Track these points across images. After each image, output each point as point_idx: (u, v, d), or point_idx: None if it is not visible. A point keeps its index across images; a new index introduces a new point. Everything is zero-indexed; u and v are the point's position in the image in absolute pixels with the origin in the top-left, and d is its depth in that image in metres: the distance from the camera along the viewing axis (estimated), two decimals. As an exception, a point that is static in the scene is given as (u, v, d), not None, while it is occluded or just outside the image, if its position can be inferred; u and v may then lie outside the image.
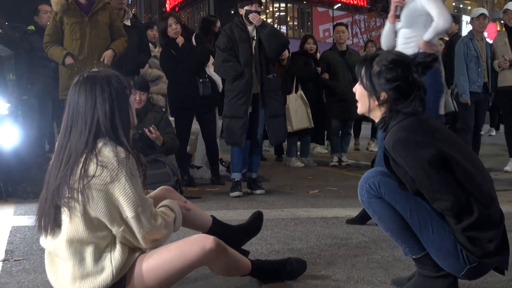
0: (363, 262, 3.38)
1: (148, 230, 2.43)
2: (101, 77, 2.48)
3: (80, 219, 2.41)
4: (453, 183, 2.47)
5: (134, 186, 2.40)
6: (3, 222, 4.59)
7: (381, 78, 2.63)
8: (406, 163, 2.50)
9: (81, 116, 2.44)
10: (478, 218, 2.45)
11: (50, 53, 5.89)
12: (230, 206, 5.26)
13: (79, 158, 2.40)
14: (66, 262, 2.47)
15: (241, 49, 5.80)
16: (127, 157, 2.41)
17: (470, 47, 7.36)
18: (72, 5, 5.81)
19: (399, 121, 2.61)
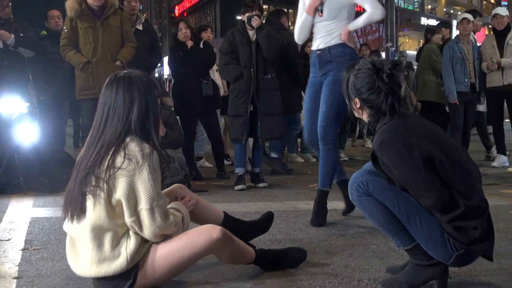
0: (359, 251, 3.38)
1: (160, 225, 2.45)
2: (136, 78, 2.54)
3: (103, 207, 2.45)
4: (436, 181, 2.47)
5: (154, 180, 2.43)
6: (22, 213, 4.60)
7: (354, 87, 2.71)
8: (391, 162, 2.52)
9: (118, 113, 2.49)
10: (464, 210, 2.46)
11: (68, 57, 5.90)
12: (235, 199, 5.27)
13: (109, 151, 2.44)
14: (86, 246, 2.49)
15: (241, 52, 5.84)
16: (151, 153, 2.45)
17: (455, 50, 7.36)
18: (85, 10, 5.83)
19: (385, 123, 2.63)
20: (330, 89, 4.19)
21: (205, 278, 2.87)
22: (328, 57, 4.25)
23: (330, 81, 4.21)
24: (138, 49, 6.26)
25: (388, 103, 2.63)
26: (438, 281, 2.64)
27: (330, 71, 4.23)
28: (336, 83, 3.93)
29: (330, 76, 4.22)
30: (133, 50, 6.06)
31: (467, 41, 7.49)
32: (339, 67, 4.04)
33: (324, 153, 4.23)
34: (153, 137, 2.53)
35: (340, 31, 4.26)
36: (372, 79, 2.65)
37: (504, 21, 7.40)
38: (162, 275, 2.55)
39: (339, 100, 3.87)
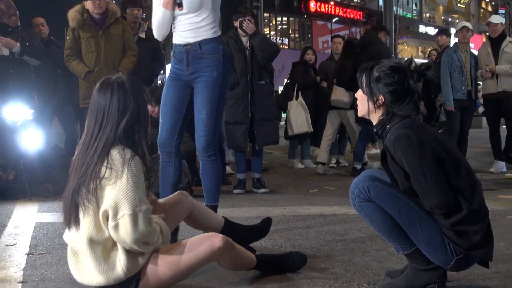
0: (359, 256, 3.38)
1: (143, 232, 2.38)
2: (128, 83, 2.49)
3: (91, 219, 2.42)
4: (444, 182, 2.48)
5: (135, 186, 2.36)
6: (27, 219, 4.61)
7: (380, 82, 2.66)
8: (405, 158, 2.51)
9: (111, 119, 2.43)
10: (466, 215, 2.47)
11: (72, 67, 5.92)
12: (236, 204, 5.27)
13: (98, 161, 2.40)
14: (86, 257, 2.47)
15: (236, 59, 5.85)
16: (131, 158, 2.39)
17: (454, 58, 7.38)
18: (87, 20, 5.85)
19: (397, 122, 2.64)
20: (208, 94, 3.69)
21: (206, 282, 2.87)
22: (199, 54, 3.72)
23: (206, 84, 3.70)
24: (140, 56, 6.27)
25: (414, 104, 2.65)
26: (436, 285, 2.64)
27: (202, 70, 3.71)
28: (212, 86, 3.68)
29: (204, 78, 3.70)
30: (134, 59, 6.07)
31: (466, 49, 7.52)
32: (212, 66, 3.69)
33: (209, 165, 3.75)
34: (142, 142, 2.47)
35: (209, 22, 3.73)
36: (404, 77, 2.65)
37: (497, 29, 7.44)
38: (165, 282, 2.54)
39: (218, 103, 3.71)
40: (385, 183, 2.64)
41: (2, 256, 3.44)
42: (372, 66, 2.73)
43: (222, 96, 3.78)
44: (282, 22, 37.44)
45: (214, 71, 3.69)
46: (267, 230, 3.37)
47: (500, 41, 7.41)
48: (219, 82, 3.72)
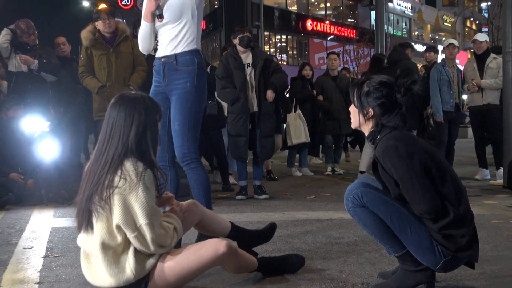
0: (353, 258, 3.37)
1: (159, 236, 2.43)
2: (139, 99, 2.51)
3: (104, 224, 2.43)
4: (431, 189, 2.49)
5: (148, 197, 2.40)
6: (44, 223, 4.61)
7: (369, 96, 2.68)
8: (394, 167, 2.52)
9: (119, 131, 2.45)
10: (453, 219, 2.48)
11: (85, 83, 5.95)
12: (239, 209, 5.26)
13: (109, 170, 2.41)
14: (98, 260, 2.47)
15: (236, 76, 5.86)
16: (144, 171, 2.41)
17: (442, 73, 7.39)
18: (98, 39, 5.88)
19: (386, 133, 2.65)
20: (180, 105, 3.53)
21: (211, 283, 2.87)
22: (174, 65, 3.57)
23: (179, 95, 3.55)
24: (150, 72, 6.28)
25: (401, 116, 2.66)
26: (426, 285, 2.64)
27: (176, 82, 3.56)
28: (185, 97, 3.52)
29: (178, 90, 3.55)
30: (143, 74, 6.09)
31: (452, 64, 7.55)
32: (186, 78, 3.53)
33: (190, 174, 3.57)
34: (150, 156, 2.48)
35: (188, 36, 3.57)
36: (391, 91, 2.67)
37: (482, 46, 7.46)
38: (172, 284, 2.53)
39: (191, 114, 3.52)
40: (378, 189, 2.65)
41: (20, 259, 3.44)
42: (363, 81, 2.75)
43: (198, 107, 3.58)
44: (281, 40, 37.54)
45: (187, 82, 3.53)
46: (271, 235, 3.33)
47: (484, 57, 7.44)
48: (192, 93, 3.54)
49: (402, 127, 2.68)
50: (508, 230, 4.18)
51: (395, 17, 42.62)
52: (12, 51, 6.60)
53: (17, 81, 6.66)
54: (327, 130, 8.32)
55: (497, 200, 5.77)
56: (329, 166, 8.52)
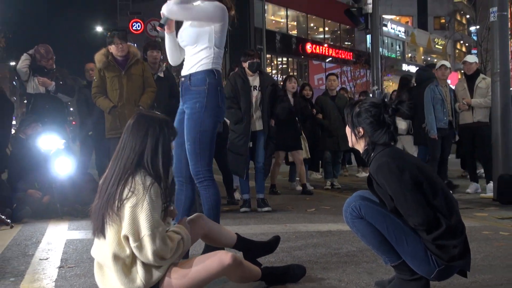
0: (351, 267, 3.36)
1: (160, 248, 2.39)
2: (156, 119, 2.54)
3: (114, 236, 2.43)
4: (423, 202, 2.50)
5: (153, 210, 2.39)
6: (59, 236, 4.61)
7: (360, 117, 2.72)
8: (387, 183, 2.53)
9: (131, 144, 2.48)
10: (445, 229, 2.47)
11: (98, 103, 5.96)
12: (243, 222, 5.25)
13: (121, 182, 2.43)
14: (111, 271, 2.47)
15: (242, 97, 5.92)
16: (151, 184, 2.41)
17: (436, 92, 7.39)
18: (111, 62, 5.91)
19: (380, 150, 2.66)
20: (189, 125, 3.48)
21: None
22: (188, 85, 3.52)
23: (188, 115, 3.51)
24: (159, 93, 6.31)
25: (389, 134, 2.67)
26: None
27: (188, 101, 3.52)
28: (193, 117, 3.46)
29: (189, 109, 3.51)
30: (152, 95, 6.10)
31: (445, 84, 7.56)
32: (196, 98, 3.46)
33: (202, 191, 3.50)
34: (159, 171, 2.47)
35: (204, 56, 3.49)
36: (379, 111, 2.69)
37: (472, 67, 7.48)
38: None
39: (200, 134, 3.44)
40: (375, 202, 2.65)
41: (36, 269, 3.44)
42: (356, 103, 2.81)
43: (207, 127, 3.47)
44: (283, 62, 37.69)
45: (197, 102, 3.46)
46: (275, 247, 3.32)
47: (474, 77, 7.45)
48: (201, 113, 3.46)
49: (391, 144, 2.69)
50: (498, 241, 4.16)
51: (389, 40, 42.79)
52: (31, 74, 6.66)
53: (35, 102, 6.71)
54: (326, 146, 8.32)
55: (488, 212, 5.75)
56: (328, 181, 8.51)
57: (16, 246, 4.20)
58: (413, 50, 47.57)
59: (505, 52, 6.73)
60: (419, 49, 48.00)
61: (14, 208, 5.52)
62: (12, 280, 3.18)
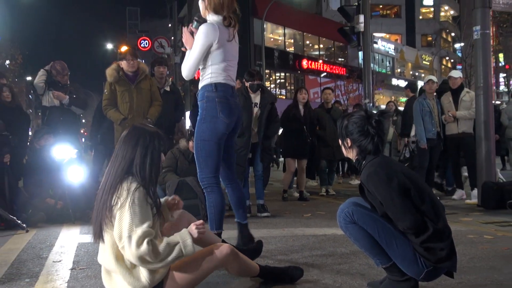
0: (345, 269, 3.35)
1: (142, 251, 2.33)
2: (147, 131, 2.53)
3: (111, 240, 2.43)
4: (411, 207, 2.50)
5: (133, 213, 2.35)
6: (71, 239, 4.60)
7: (347, 129, 2.76)
8: (376, 190, 2.54)
9: (122, 153, 2.48)
10: (432, 233, 2.48)
11: (109, 115, 5.97)
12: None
13: (111, 189, 2.42)
14: (116, 273, 2.47)
15: (244, 114, 5.88)
16: (136, 189, 2.39)
17: (424, 105, 7.43)
18: (122, 76, 5.93)
19: (371, 160, 2.67)
20: (195, 136, 3.60)
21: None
22: (197, 99, 3.64)
23: (195, 127, 3.63)
24: (166, 106, 6.33)
25: (373, 144, 2.68)
26: (410, 293, 2.62)
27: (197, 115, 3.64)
28: (196, 129, 3.56)
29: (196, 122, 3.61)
30: (159, 108, 6.12)
31: (432, 97, 7.58)
32: (200, 111, 3.57)
33: (207, 196, 3.58)
34: (147, 177, 2.45)
35: (204, 74, 3.56)
36: (363, 123, 2.71)
37: (457, 82, 7.51)
38: (184, 285, 2.53)
39: (200, 143, 3.51)
40: (367, 208, 2.66)
41: (50, 271, 3.43)
42: (345, 116, 2.83)
43: (206, 137, 3.51)
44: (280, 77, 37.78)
45: (200, 115, 3.56)
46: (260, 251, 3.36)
47: (459, 91, 7.47)
48: (200, 124, 3.54)
49: (379, 152, 2.71)
50: (483, 244, 4.16)
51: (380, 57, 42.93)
52: (46, 88, 6.69)
53: (50, 114, 6.74)
54: (321, 155, 8.32)
55: (472, 217, 5.74)
56: (324, 188, 8.50)
57: (31, 249, 4.19)
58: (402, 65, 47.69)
59: (488, 68, 6.75)
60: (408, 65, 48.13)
61: (30, 213, 5.52)
62: (27, 281, 3.18)
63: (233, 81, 3.64)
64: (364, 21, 11.58)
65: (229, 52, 3.57)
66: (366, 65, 12.22)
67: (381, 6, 47.24)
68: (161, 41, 20.36)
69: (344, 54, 41.42)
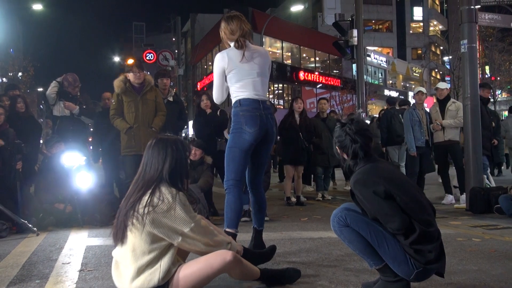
0: (340, 270, 3.35)
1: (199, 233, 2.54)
2: (171, 141, 2.65)
3: (139, 235, 2.48)
4: (398, 209, 2.51)
5: (185, 210, 2.51)
6: (80, 242, 4.58)
7: (336, 138, 2.80)
8: (363, 196, 2.55)
9: (154, 164, 2.58)
10: (419, 234, 2.49)
11: (116, 124, 5.98)
12: (243, 230, 5.18)
13: (146, 192, 2.51)
14: (127, 267, 2.49)
15: None
16: (177, 193, 2.52)
17: (413, 115, 7.46)
18: (129, 88, 5.95)
19: (361, 166, 2.69)
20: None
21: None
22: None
23: None
24: (169, 115, 6.34)
25: (359, 147, 2.69)
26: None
27: None
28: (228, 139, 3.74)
29: None
30: (163, 118, 6.13)
31: (422, 107, 7.61)
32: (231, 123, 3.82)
33: (226, 196, 3.66)
34: (179, 184, 2.59)
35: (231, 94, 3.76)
36: (341, 131, 2.75)
37: (444, 93, 7.56)
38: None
39: (226, 151, 3.68)
40: (359, 212, 2.66)
41: (59, 272, 3.42)
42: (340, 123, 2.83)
43: (232, 144, 3.67)
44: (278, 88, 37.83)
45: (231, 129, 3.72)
46: (272, 255, 3.35)
47: (445, 101, 7.51)
48: (229, 135, 3.74)
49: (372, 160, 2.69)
50: (471, 246, 4.15)
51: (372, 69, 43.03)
52: (57, 99, 6.71)
53: (61, 124, 6.76)
54: (317, 162, 8.32)
55: (461, 221, 5.73)
56: (320, 193, 8.49)
57: (41, 251, 4.18)
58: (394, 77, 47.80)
59: (475, 79, 6.78)
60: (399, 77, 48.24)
61: (40, 217, 5.50)
62: (38, 282, 3.17)
63: (261, 95, 3.74)
64: (357, 35, 11.61)
65: (244, 71, 3.69)
66: (360, 77, 12.25)
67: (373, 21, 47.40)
68: (165, 54, 20.44)
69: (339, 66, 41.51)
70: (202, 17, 44.93)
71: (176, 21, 23.33)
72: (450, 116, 7.36)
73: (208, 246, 2.58)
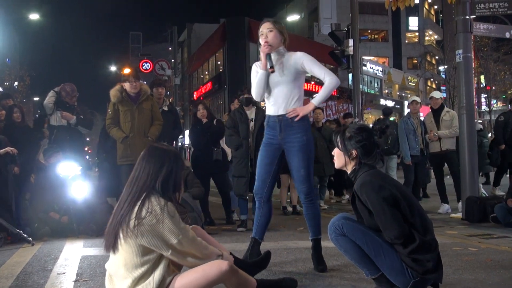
0: (337, 280, 3.34)
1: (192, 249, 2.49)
2: (169, 152, 2.60)
3: (131, 247, 2.44)
4: (400, 217, 2.51)
5: (173, 221, 2.44)
6: (75, 252, 4.57)
7: (352, 140, 2.76)
8: (368, 199, 2.56)
9: (147, 172, 2.52)
10: (419, 244, 2.49)
11: (112, 133, 5.97)
12: (240, 240, 5.22)
13: (136, 202, 2.46)
14: (122, 280, 2.46)
15: (241, 127, 6.05)
16: (165, 204, 2.46)
17: (408, 124, 7.50)
18: (125, 97, 5.95)
19: (365, 171, 2.70)
20: (303, 156, 3.66)
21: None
22: (289, 122, 3.64)
23: (299, 147, 3.65)
24: (164, 125, 6.34)
25: (378, 154, 2.73)
26: (398, 303, 2.61)
27: (293, 136, 3.65)
28: (304, 149, 3.64)
29: (296, 143, 3.65)
30: (160, 127, 6.13)
31: (416, 116, 7.65)
32: (301, 132, 3.64)
33: (311, 208, 3.77)
34: (171, 194, 2.54)
35: (297, 96, 3.68)
36: (370, 135, 2.75)
37: (438, 102, 7.59)
38: None
39: (310, 162, 3.71)
40: (355, 221, 2.67)
41: (54, 283, 3.40)
42: (344, 129, 2.83)
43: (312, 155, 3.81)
44: (275, 97, 37.97)
45: (304, 136, 3.69)
46: (267, 263, 3.32)
47: (440, 111, 7.54)
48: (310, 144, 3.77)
49: (381, 166, 2.74)
50: (467, 256, 4.16)
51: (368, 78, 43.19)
52: (55, 109, 6.72)
53: (58, 133, 6.75)
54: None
55: (457, 230, 5.74)
56: (316, 202, 8.48)
57: (36, 261, 4.16)
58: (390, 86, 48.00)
59: (470, 88, 6.81)
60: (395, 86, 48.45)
61: (35, 227, 5.48)
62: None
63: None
64: (353, 45, 11.70)
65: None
66: (356, 86, 12.31)
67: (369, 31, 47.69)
68: (162, 64, 20.50)
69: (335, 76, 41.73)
70: (198, 27, 45.08)
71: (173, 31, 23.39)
72: (445, 126, 7.39)
73: (196, 259, 2.52)
